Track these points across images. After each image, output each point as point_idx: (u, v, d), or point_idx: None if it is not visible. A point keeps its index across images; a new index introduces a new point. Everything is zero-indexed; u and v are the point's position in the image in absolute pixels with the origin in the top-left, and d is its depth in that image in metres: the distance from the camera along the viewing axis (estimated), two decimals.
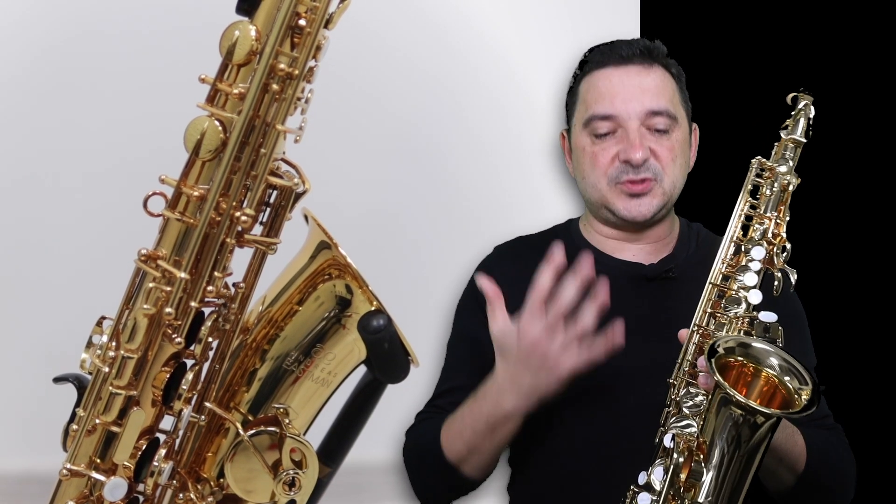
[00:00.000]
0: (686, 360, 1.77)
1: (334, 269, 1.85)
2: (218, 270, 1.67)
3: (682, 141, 2.08)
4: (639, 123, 2.03)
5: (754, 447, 1.58)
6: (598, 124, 2.05)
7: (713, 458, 1.59)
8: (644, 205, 2.04)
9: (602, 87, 2.07)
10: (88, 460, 1.73)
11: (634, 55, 2.08)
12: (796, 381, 1.60)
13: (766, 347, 1.64)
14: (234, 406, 1.85)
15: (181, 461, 1.80)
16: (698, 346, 1.77)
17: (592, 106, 2.07)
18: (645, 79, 2.06)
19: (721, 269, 1.81)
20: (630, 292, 2.03)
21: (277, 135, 1.63)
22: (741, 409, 1.55)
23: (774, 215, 1.80)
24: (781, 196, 1.82)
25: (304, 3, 1.59)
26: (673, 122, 2.05)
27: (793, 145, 1.85)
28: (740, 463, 1.59)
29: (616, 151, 2.04)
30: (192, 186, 1.63)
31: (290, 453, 1.76)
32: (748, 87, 2.67)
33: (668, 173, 2.04)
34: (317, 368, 1.86)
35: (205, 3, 2.05)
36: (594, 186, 2.07)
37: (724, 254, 1.82)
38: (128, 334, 1.66)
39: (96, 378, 1.72)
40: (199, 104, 1.62)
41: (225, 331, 1.73)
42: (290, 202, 1.71)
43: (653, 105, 2.04)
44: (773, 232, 1.79)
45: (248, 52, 1.57)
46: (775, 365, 1.62)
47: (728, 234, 1.84)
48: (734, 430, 1.57)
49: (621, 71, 2.07)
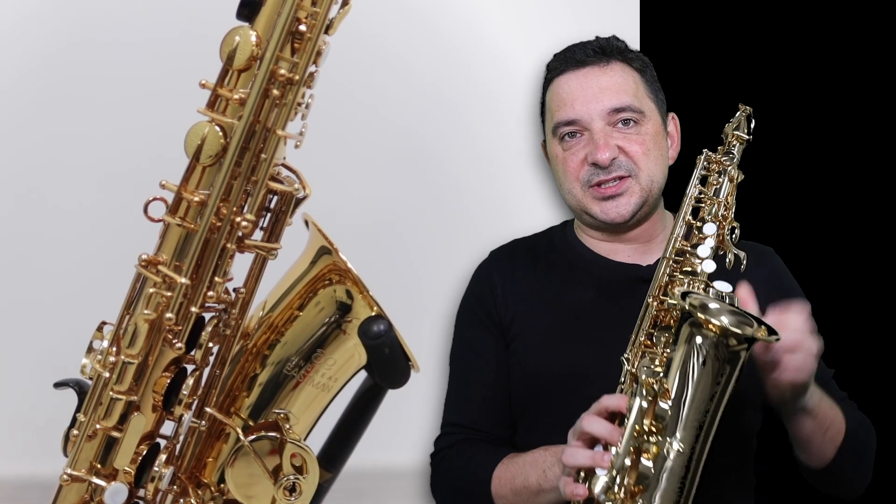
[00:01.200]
0: (642, 331, 1.78)
1: (335, 274, 1.85)
2: (218, 276, 1.67)
3: (655, 133, 2.07)
4: (603, 123, 2.03)
5: (726, 379, 1.60)
6: (563, 130, 2.06)
7: (686, 395, 1.60)
8: (621, 205, 2.03)
9: (562, 94, 2.08)
10: (89, 465, 1.73)
11: (588, 56, 2.08)
12: (748, 328, 1.62)
13: (721, 306, 1.65)
14: (235, 411, 1.85)
15: (182, 466, 1.80)
16: (652, 318, 1.79)
17: (556, 113, 2.08)
18: (601, 78, 2.07)
19: (675, 245, 1.84)
20: (627, 293, 2.03)
21: (278, 140, 1.63)
22: (715, 331, 1.56)
23: (723, 199, 1.85)
24: (728, 187, 1.87)
25: (305, 8, 1.59)
26: (640, 115, 2.04)
27: (737, 142, 1.90)
28: (712, 396, 1.60)
29: (584, 154, 2.04)
30: (193, 192, 1.63)
31: (291, 458, 1.76)
32: (748, 87, 2.66)
33: (643, 167, 2.03)
34: (317, 374, 1.86)
35: (205, 8, 2.06)
36: (570, 193, 2.08)
37: (679, 231, 1.86)
38: (128, 339, 1.66)
39: (97, 383, 1.72)
40: (200, 109, 1.62)
41: (225, 336, 1.73)
42: (290, 207, 1.71)
43: (613, 103, 2.04)
44: (722, 214, 1.84)
45: (249, 58, 1.57)
46: (727, 321, 1.63)
47: (678, 218, 1.88)
48: (703, 362, 1.58)
49: (578, 74, 2.08)
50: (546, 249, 2.17)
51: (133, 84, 2.54)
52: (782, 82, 2.68)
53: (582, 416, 1.71)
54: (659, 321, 1.79)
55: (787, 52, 2.68)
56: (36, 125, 2.57)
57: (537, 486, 1.91)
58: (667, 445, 1.59)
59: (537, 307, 2.09)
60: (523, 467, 1.96)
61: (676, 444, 1.59)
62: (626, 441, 1.60)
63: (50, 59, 2.57)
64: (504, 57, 2.70)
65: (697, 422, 1.61)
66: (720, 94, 2.59)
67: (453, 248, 2.40)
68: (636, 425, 1.61)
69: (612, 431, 1.65)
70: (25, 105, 2.57)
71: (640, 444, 1.61)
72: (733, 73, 2.67)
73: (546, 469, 1.89)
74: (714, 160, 1.90)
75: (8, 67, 2.57)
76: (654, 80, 2.13)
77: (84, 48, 2.56)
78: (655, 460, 1.60)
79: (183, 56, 2.24)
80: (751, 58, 2.69)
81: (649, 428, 1.61)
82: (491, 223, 2.26)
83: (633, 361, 1.76)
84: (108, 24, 2.56)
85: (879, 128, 2.68)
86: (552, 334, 2.06)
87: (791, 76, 2.68)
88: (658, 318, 1.79)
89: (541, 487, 1.90)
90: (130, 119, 2.54)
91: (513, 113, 2.64)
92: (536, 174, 2.61)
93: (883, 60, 2.67)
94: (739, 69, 2.68)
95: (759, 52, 2.69)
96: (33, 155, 2.58)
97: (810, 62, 2.67)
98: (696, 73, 2.16)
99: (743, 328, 1.59)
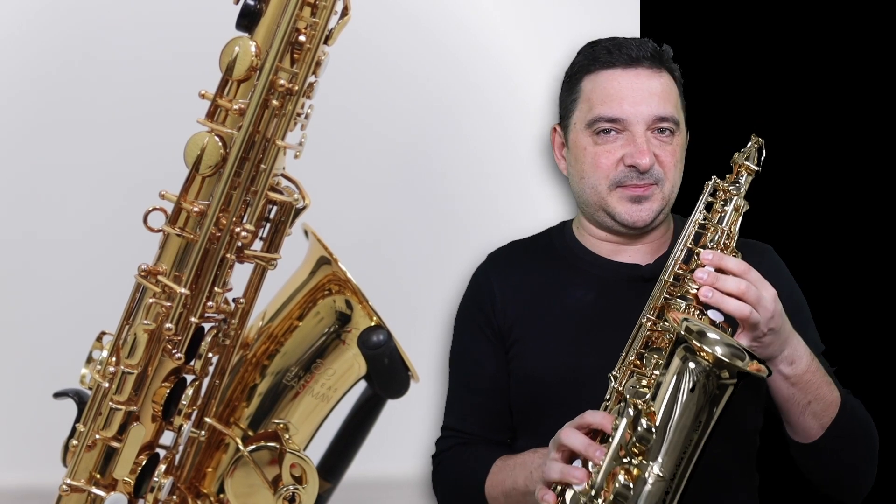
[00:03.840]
0: (633, 350, 1.77)
1: (334, 284, 1.86)
2: (218, 286, 1.67)
3: (682, 147, 2.07)
4: (645, 128, 2.01)
5: (711, 408, 1.59)
6: (603, 125, 2.03)
7: (671, 421, 1.60)
8: (645, 210, 2.01)
9: (610, 89, 2.04)
10: (88, 475, 1.73)
11: (644, 57, 2.05)
12: (739, 361, 1.61)
13: (718, 337, 1.65)
14: (234, 421, 1.85)
15: (181, 476, 1.80)
16: (644, 340, 1.78)
17: (598, 107, 2.03)
18: (654, 83, 2.04)
19: (674, 269, 1.83)
20: (628, 293, 2.02)
21: (277, 150, 1.63)
22: (709, 360, 1.56)
23: (726, 228, 1.84)
24: (733, 216, 1.85)
25: (304, 18, 1.59)
26: (676, 127, 2.04)
27: (745, 172, 1.88)
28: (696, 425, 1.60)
29: (621, 155, 2.01)
30: (193, 202, 1.63)
31: (291, 468, 1.76)
32: (748, 86, 2.66)
33: (669, 178, 2.03)
34: (317, 384, 1.87)
35: (205, 18, 2.06)
36: (593, 188, 2.05)
37: (679, 254, 1.84)
38: (128, 350, 1.66)
39: (96, 393, 1.72)
40: (199, 120, 1.62)
41: (225, 346, 1.74)
42: (290, 217, 1.71)
43: (661, 111, 2.02)
44: (724, 242, 1.83)
45: (248, 68, 1.58)
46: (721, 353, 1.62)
47: (680, 241, 1.86)
48: (695, 388, 1.58)
49: (630, 73, 2.04)
50: (545, 251, 2.16)
51: (133, 94, 2.54)
52: (782, 82, 2.67)
53: (562, 428, 1.71)
54: (651, 342, 1.78)
55: (787, 53, 2.67)
56: (35, 135, 2.57)
57: (524, 488, 1.91)
58: (648, 469, 1.59)
59: (537, 310, 2.07)
60: (513, 469, 1.96)
61: (657, 469, 1.59)
62: (609, 461, 1.60)
63: (50, 66, 2.57)
64: (504, 66, 2.70)
65: (681, 448, 1.60)
66: (720, 95, 2.59)
67: (453, 259, 2.39)
68: (620, 446, 1.61)
69: (589, 447, 1.64)
70: (25, 113, 2.57)
71: (620, 464, 1.61)
72: (733, 74, 2.66)
73: (533, 471, 1.89)
74: (721, 188, 1.88)
75: (9, 73, 2.57)
76: (683, 97, 2.13)
77: (83, 57, 2.57)
78: (635, 482, 1.60)
79: (182, 66, 2.24)
80: (751, 58, 2.68)
81: (632, 449, 1.60)
82: (491, 234, 2.25)
83: (621, 380, 1.75)
84: (109, 33, 2.56)
85: (880, 128, 2.68)
86: (553, 338, 2.05)
87: (791, 76, 2.67)
88: (650, 338, 1.79)
89: (528, 489, 1.89)
90: (130, 129, 2.53)
91: (513, 123, 2.64)
92: (536, 185, 2.61)
93: (883, 60, 2.67)
94: (739, 69, 2.67)
95: (760, 52, 2.68)
96: (33, 163, 2.58)
97: (810, 62, 2.66)
98: (696, 73, 2.15)
99: (735, 361, 1.58)
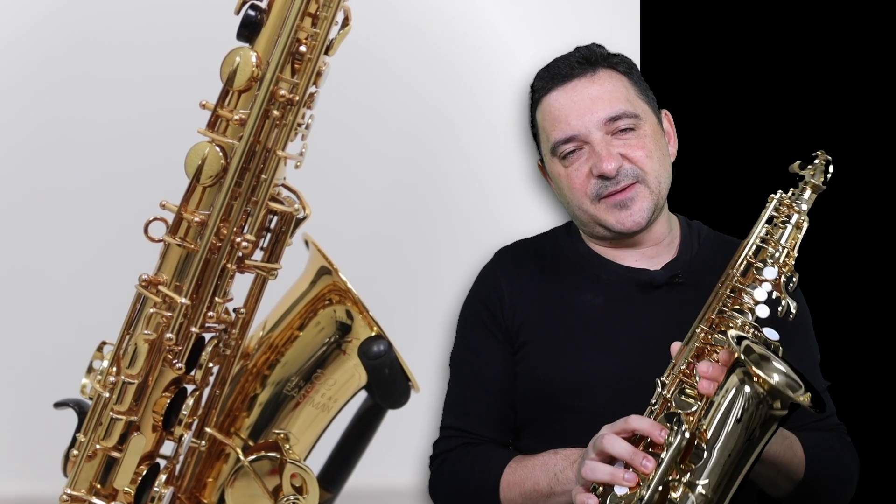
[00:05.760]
0: (684, 359, 1.76)
1: (335, 294, 1.86)
2: (219, 296, 1.67)
3: (653, 135, 2.05)
4: (601, 134, 2.00)
5: (761, 434, 1.59)
6: (563, 148, 2.04)
7: (718, 441, 1.60)
8: (635, 213, 2.00)
9: (554, 111, 2.05)
10: (89, 486, 1.73)
11: (573, 68, 2.06)
12: (791, 392, 1.61)
13: (780, 367, 1.64)
14: (235, 431, 1.85)
15: (182, 487, 1.79)
16: (696, 351, 1.77)
17: (552, 133, 2.05)
18: (590, 88, 2.04)
19: (733, 281, 1.81)
20: (638, 300, 2.01)
21: (278, 160, 1.63)
22: (764, 387, 1.55)
23: (787, 246, 1.82)
24: (794, 232, 1.83)
25: (305, 29, 1.60)
26: (636, 119, 2.02)
27: (810, 190, 1.86)
28: (743, 449, 1.60)
29: (588, 168, 2.02)
30: (193, 212, 1.63)
31: (291, 479, 1.76)
32: (749, 87, 2.66)
33: (649, 171, 2.01)
34: (317, 394, 1.87)
35: (206, 29, 2.06)
36: (580, 209, 2.05)
37: (737, 269, 1.82)
38: (128, 359, 1.66)
39: (97, 403, 1.72)
40: (200, 130, 1.62)
41: (226, 356, 1.74)
42: (290, 228, 1.71)
43: (608, 112, 2.02)
44: (784, 260, 1.81)
45: (249, 79, 1.58)
46: (776, 380, 1.62)
47: (739, 254, 1.84)
48: (745, 414, 1.58)
49: (567, 89, 2.05)
50: (552, 252, 2.15)
51: (134, 104, 2.54)
52: (782, 83, 2.67)
53: (604, 434, 1.70)
54: (703, 353, 1.77)
55: (787, 53, 2.67)
56: (36, 144, 2.57)
57: (548, 490, 1.90)
58: (694, 486, 1.59)
59: (546, 313, 2.07)
60: (533, 471, 1.95)
61: (700, 488, 1.59)
62: (659, 477, 1.60)
63: (50, 77, 2.57)
64: (506, 79, 2.69)
65: (726, 470, 1.60)
66: (721, 96, 2.59)
67: (454, 269, 2.38)
68: (672, 462, 1.61)
69: (635, 455, 1.64)
70: (28, 122, 2.57)
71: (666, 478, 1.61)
72: (734, 75, 2.66)
73: (558, 472, 1.88)
74: (785, 203, 1.86)
75: (12, 82, 2.57)
76: (641, 80, 2.11)
77: (85, 67, 2.57)
78: (680, 499, 1.60)
79: (183, 77, 2.25)
80: (751, 59, 2.68)
81: (680, 465, 1.61)
82: (491, 244, 2.25)
83: (670, 387, 1.74)
84: (110, 43, 2.56)
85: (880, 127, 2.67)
86: (561, 341, 2.04)
87: (791, 77, 2.67)
88: (703, 349, 1.77)
89: (552, 491, 1.89)
90: (131, 139, 2.54)
91: (512, 132, 2.64)
92: (535, 194, 2.61)
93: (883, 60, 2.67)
94: (740, 70, 2.67)
95: (760, 53, 2.68)
96: (32, 174, 2.58)
97: (811, 63, 2.66)
98: (696, 74, 2.15)
99: (788, 392, 1.58)
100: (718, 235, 2.08)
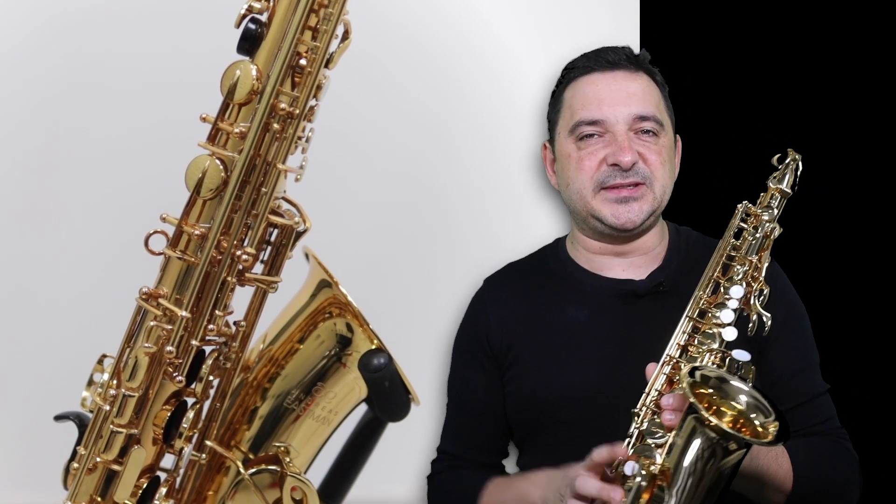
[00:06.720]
0: (654, 390, 1.75)
1: (335, 307, 1.86)
2: (219, 309, 1.67)
3: (669, 147, 2.07)
4: (626, 128, 2.02)
5: (720, 476, 1.58)
6: (584, 129, 2.04)
7: (677, 484, 1.59)
8: (633, 211, 2.01)
9: (589, 93, 2.06)
10: (89, 499, 1.73)
11: (621, 60, 2.08)
12: (762, 416, 1.60)
13: (742, 386, 1.63)
14: (235, 444, 1.85)
15: (182, 500, 1.79)
16: (668, 378, 1.76)
17: (579, 112, 2.06)
18: (631, 84, 2.06)
19: (699, 304, 1.80)
20: (622, 311, 2.02)
21: (278, 174, 1.64)
22: (715, 432, 1.54)
23: (755, 258, 1.80)
24: (763, 242, 1.82)
25: (305, 42, 1.60)
26: (660, 127, 2.04)
27: (779, 195, 1.84)
28: (705, 491, 1.59)
29: (604, 155, 2.02)
30: (194, 225, 1.64)
31: (291, 492, 1.76)
32: (749, 88, 2.66)
33: (658, 177, 2.03)
34: (318, 407, 1.87)
35: (206, 42, 2.07)
36: (579, 193, 2.05)
37: (704, 291, 1.81)
38: (129, 372, 1.66)
39: (97, 416, 1.72)
40: (201, 143, 1.63)
41: (226, 369, 1.74)
42: (290, 241, 1.72)
43: (640, 110, 2.03)
44: (752, 275, 1.79)
45: (249, 92, 1.59)
46: (744, 402, 1.61)
47: (707, 274, 1.82)
48: (702, 456, 1.57)
49: (608, 76, 2.07)
50: (539, 269, 2.17)
51: (134, 117, 2.54)
52: (783, 83, 2.67)
53: (578, 474, 1.70)
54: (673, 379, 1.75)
55: (788, 54, 2.67)
56: (36, 155, 2.57)
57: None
58: None
59: (532, 330, 2.08)
60: (517, 488, 1.97)
61: None
62: None
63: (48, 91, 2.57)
64: (511, 91, 2.69)
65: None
66: (721, 96, 2.59)
67: (454, 283, 2.39)
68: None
69: (603, 490, 1.65)
70: (26, 134, 2.57)
71: None
72: (734, 75, 2.66)
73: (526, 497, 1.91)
74: (752, 212, 1.84)
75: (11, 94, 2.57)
76: (668, 100, 2.13)
77: (84, 80, 2.57)
78: None
79: (184, 90, 2.25)
80: (751, 59, 2.68)
81: None
82: (492, 257, 2.25)
83: (643, 420, 1.74)
84: (109, 57, 2.57)
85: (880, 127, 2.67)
86: (548, 357, 2.05)
87: (791, 77, 2.67)
88: (672, 378, 1.76)
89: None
90: (131, 152, 2.53)
91: (517, 148, 2.64)
92: (538, 211, 2.61)
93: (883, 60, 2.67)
94: (740, 71, 2.67)
95: (760, 53, 2.68)
96: (32, 186, 2.58)
97: (811, 63, 2.66)
98: (696, 74, 2.15)
99: (742, 431, 1.57)
100: (707, 240, 2.08)
